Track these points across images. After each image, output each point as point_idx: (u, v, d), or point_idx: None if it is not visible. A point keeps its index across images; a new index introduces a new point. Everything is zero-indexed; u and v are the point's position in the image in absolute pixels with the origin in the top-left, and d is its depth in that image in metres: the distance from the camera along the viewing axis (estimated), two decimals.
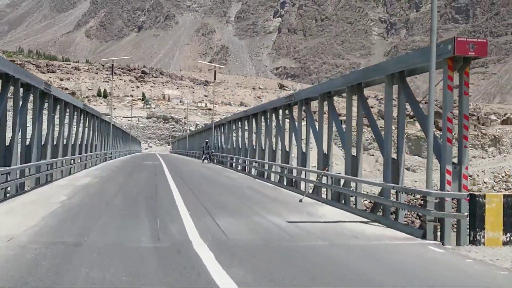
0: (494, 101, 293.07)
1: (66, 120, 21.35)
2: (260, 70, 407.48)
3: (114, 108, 78.71)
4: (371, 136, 42.67)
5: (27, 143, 15.11)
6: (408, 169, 39.80)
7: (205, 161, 34.54)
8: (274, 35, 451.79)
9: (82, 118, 25.11)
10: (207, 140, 36.73)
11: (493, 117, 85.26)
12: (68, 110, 21.24)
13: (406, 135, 46.61)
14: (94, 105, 76.73)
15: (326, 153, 14.89)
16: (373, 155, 44.95)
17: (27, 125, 16.02)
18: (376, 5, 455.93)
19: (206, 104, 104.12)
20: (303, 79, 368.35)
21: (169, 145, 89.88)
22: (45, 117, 17.31)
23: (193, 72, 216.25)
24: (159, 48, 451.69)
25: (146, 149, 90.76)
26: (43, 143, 16.83)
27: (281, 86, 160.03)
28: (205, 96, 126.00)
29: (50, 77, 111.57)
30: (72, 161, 20.79)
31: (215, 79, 34.28)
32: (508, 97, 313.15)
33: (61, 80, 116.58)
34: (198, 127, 75.06)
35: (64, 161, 18.74)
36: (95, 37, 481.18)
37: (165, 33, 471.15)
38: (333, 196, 13.64)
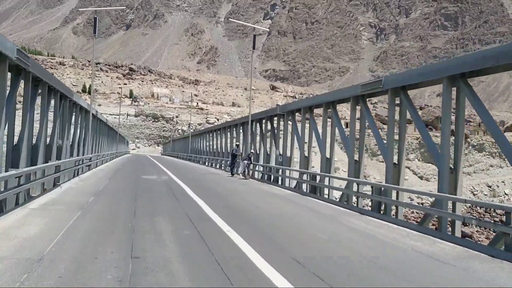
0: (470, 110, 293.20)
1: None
2: (249, 72, 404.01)
3: (99, 105, 74.29)
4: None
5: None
6: (421, 177, 36.77)
7: (238, 174, 24.70)
8: (263, 37, 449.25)
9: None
10: (238, 143, 27.22)
11: None
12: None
13: (418, 141, 43.55)
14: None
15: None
16: (382, 162, 41.85)
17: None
18: (366, 10, 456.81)
19: (197, 104, 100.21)
20: (292, 82, 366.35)
21: (158, 145, 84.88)
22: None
23: (182, 71, 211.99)
24: (147, 47, 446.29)
25: (133, 149, 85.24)
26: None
27: (273, 88, 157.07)
28: (195, 95, 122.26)
29: None
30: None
31: (254, 47, 24.82)
32: (495, 104, 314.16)
33: None
34: (191, 127, 70.42)
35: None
36: (82, 34, 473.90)
37: (154, 32, 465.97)
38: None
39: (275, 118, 23.86)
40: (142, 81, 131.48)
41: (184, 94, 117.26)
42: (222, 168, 32.48)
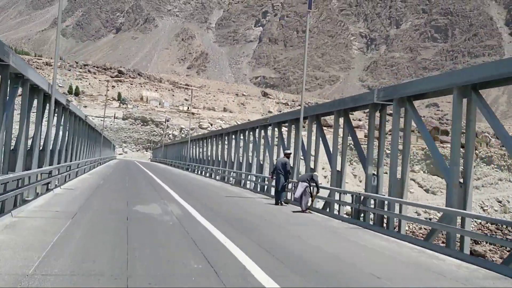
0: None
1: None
2: (239, 78, 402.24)
3: (85, 106, 70.84)
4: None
5: None
6: (427, 191, 34.49)
7: (284, 203, 17.00)
8: (254, 44, 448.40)
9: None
10: (289, 151, 18.10)
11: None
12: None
13: (424, 152, 41.31)
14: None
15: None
16: (386, 173, 39.50)
17: None
18: (357, 20, 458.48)
19: (188, 108, 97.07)
20: (282, 89, 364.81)
21: (147, 151, 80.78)
22: None
23: (173, 75, 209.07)
24: (137, 51, 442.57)
25: (120, 154, 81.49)
26: None
27: (265, 94, 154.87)
28: (186, 100, 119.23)
29: None
30: None
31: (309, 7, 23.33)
32: (483, 117, 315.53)
33: None
34: (183, 132, 66.93)
35: None
36: (71, 36, 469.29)
37: (144, 36, 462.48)
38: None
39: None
40: (131, 84, 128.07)
41: (174, 98, 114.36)
42: (230, 181, 27.84)
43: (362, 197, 13.55)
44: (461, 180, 10.38)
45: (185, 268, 6.16)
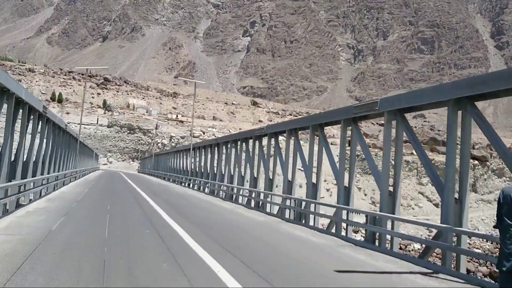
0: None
1: None
2: (227, 88, 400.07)
3: (68, 113, 67.13)
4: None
5: None
6: (437, 205, 32.09)
7: None
8: (242, 54, 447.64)
9: None
10: None
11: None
12: None
13: (433, 164, 38.96)
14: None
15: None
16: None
17: None
18: (344, 31, 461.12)
19: (177, 116, 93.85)
20: (270, 99, 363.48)
21: (133, 161, 76.35)
22: None
23: (160, 83, 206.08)
24: (124, 59, 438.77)
25: (105, 164, 77.29)
26: None
27: (254, 103, 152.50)
28: (174, 108, 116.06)
29: None
30: None
31: None
32: (477, 128, 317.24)
33: None
34: (173, 140, 63.22)
35: None
36: (56, 44, 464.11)
37: (131, 44, 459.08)
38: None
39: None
40: (117, 91, 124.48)
41: (162, 106, 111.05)
42: (240, 202, 22.98)
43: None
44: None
45: None
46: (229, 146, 27.86)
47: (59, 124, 25.04)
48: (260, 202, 20.60)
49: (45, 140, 20.98)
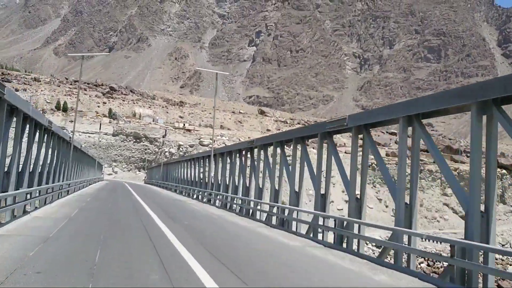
0: (465, 140, 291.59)
1: None
2: (233, 97, 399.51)
3: (71, 121, 65.50)
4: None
5: None
6: (463, 217, 29.96)
7: None
8: (248, 64, 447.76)
9: None
10: None
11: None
12: None
13: (457, 173, 37.05)
14: (48, 117, 63.23)
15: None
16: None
17: None
18: (350, 40, 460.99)
19: (184, 125, 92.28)
20: (276, 108, 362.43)
21: (139, 171, 73.95)
22: None
23: (166, 93, 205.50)
24: (130, 69, 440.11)
25: (110, 174, 75.18)
26: None
27: (262, 112, 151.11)
28: (181, 117, 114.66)
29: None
30: None
31: None
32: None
33: (16, 90, 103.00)
34: (181, 149, 60.77)
35: None
36: (63, 55, 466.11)
37: (137, 55, 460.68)
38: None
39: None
40: (123, 101, 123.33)
41: (168, 115, 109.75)
42: (274, 223, 18.82)
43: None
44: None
45: None
46: (256, 152, 23.83)
47: (63, 137, 26.60)
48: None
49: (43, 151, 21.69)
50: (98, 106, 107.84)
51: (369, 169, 14.97)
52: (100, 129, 56.42)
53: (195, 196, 35.99)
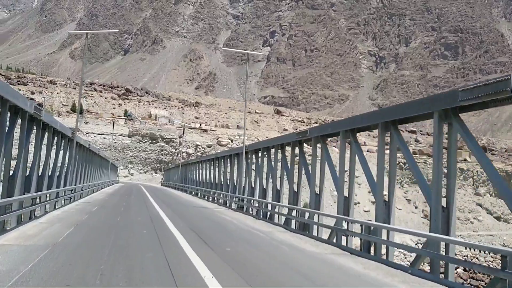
0: (486, 138, 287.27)
1: None
2: (247, 98, 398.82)
3: (86, 122, 64.79)
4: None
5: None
6: (498, 218, 28.34)
7: None
8: (262, 64, 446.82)
9: None
10: None
11: None
12: None
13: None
14: (62, 119, 62.48)
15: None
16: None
17: None
18: (365, 39, 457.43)
19: (200, 125, 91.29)
20: (291, 108, 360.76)
21: (156, 172, 72.64)
22: None
23: (181, 94, 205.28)
24: (145, 72, 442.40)
25: (126, 176, 73.81)
26: None
27: (278, 112, 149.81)
28: (196, 118, 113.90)
29: (20, 89, 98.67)
30: None
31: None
32: (498, 134, 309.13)
33: (32, 93, 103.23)
34: (198, 149, 59.05)
35: None
36: (79, 58, 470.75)
37: (152, 57, 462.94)
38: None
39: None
40: (139, 102, 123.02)
41: (184, 116, 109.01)
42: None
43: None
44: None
45: None
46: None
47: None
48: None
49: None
50: (114, 108, 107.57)
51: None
52: (113, 127, 54.62)
53: (220, 201, 31.97)
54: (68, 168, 24.37)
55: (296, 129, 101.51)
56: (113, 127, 53.85)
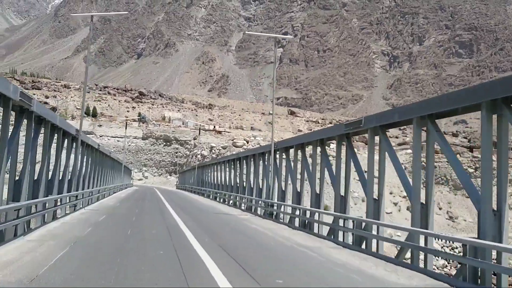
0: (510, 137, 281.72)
1: None
2: (260, 99, 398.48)
3: (100, 125, 64.50)
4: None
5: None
6: None
7: None
8: (275, 65, 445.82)
9: None
10: None
11: None
12: None
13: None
14: (76, 122, 62.15)
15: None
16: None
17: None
18: (378, 38, 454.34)
19: (214, 127, 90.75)
20: (305, 109, 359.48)
21: (170, 175, 72.06)
22: None
23: (195, 96, 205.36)
24: (158, 75, 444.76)
25: (140, 180, 73.31)
26: None
27: (292, 113, 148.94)
28: (210, 120, 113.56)
29: (34, 94, 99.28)
30: None
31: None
32: None
33: (47, 97, 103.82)
34: (213, 151, 58.06)
35: None
36: (93, 63, 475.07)
37: (165, 60, 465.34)
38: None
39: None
40: (153, 105, 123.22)
41: (197, 118, 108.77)
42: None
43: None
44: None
45: None
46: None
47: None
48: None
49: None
50: (128, 111, 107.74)
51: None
52: (126, 129, 54.00)
53: (243, 206, 29.09)
54: (74, 171, 22.18)
55: (311, 129, 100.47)
56: (125, 128, 53.05)
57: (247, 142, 66.56)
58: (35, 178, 16.18)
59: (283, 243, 14.62)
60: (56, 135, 18.64)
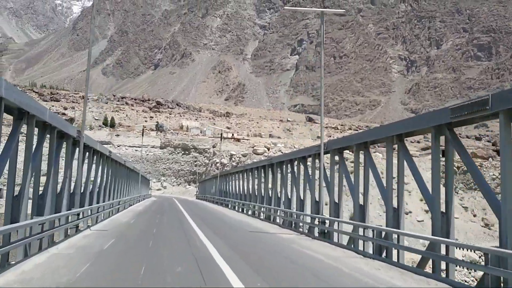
0: None
1: None
2: (277, 107, 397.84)
3: (118, 135, 64.02)
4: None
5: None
6: None
7: None
8: (291, 73, 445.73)
9: None
10: None
11: None
12: None
13: None
14: (94, 132, 62.04)
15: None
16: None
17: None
18: (395, 43, 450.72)
19: (232, 135, 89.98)
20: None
21: (189, 184, 70.93)
22: None
23: (212, 105, 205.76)
24: (175, 85, 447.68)
25: (159, 190, 71.70)
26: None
27: (310, 119, 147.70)
28: (228, 128, 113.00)
29: (53, 106, 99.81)
30: None
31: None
32: None
33: (65, 109, 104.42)
34: (233, 159, 56.76)
35: None
36: (111, 75, 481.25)
37: (181, 70, 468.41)
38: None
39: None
40: (170, 114, 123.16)
41: (215, 126, 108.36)
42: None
43: None
44: None
45: None
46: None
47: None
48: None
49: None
50: (146, 121, 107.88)
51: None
52: (142, 135, 52.83)
53: (278, 220, 25.12)
54: (79, 183, 18.70)
55: (330, 136, 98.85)
56: (142, 135, 51.79)
57: (268, 149, 64.91)
58: (20, 194, 12.35)
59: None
60: (48, 135, 14.85)
